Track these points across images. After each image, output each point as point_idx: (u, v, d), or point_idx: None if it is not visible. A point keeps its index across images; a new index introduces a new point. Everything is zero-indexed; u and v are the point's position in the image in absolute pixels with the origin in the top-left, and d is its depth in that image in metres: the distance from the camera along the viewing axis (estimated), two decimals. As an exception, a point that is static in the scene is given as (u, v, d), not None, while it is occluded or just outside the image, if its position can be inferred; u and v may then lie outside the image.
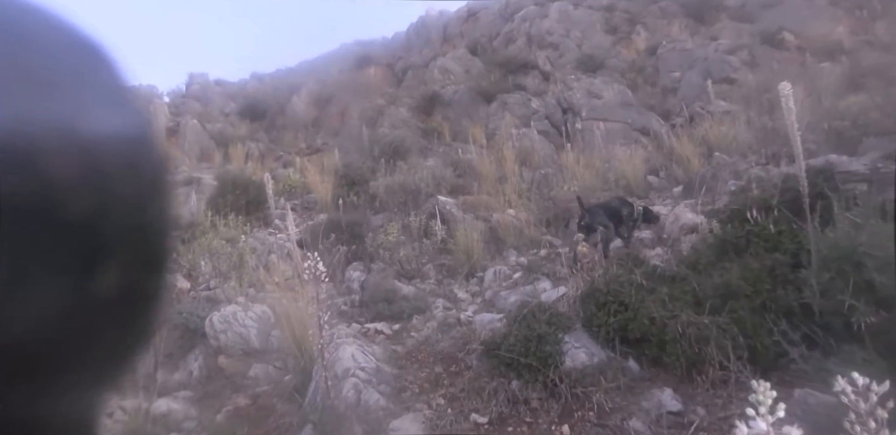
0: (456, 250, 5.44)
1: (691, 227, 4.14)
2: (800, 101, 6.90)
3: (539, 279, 4.29)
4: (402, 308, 4.74)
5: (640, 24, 14.18)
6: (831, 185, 3.08)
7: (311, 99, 16.20)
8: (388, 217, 7.26)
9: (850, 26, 10.95)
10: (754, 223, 3.04)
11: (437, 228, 5.48)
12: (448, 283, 5.27)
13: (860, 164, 3.04)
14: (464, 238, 5.40)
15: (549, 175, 8.11)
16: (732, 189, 5.01)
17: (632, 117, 9.64)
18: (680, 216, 4.30)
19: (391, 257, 5.27)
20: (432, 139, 11.66)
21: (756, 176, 4.51)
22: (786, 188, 3.27)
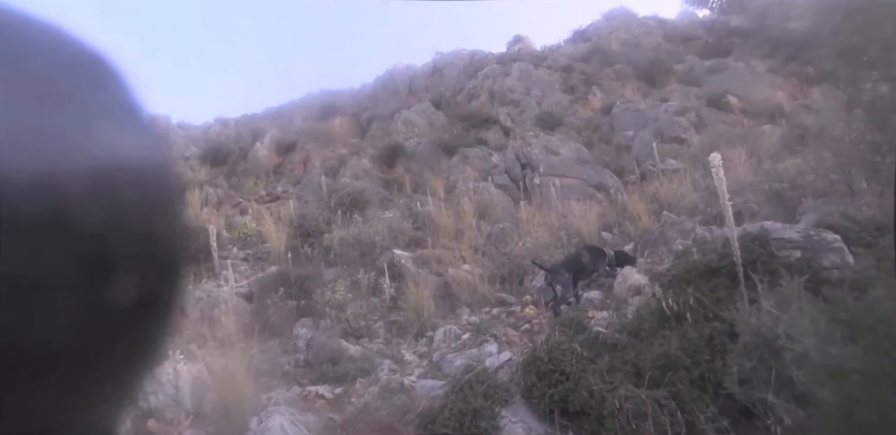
0: (407, 308, 5.30)
1: (638, 288, 4.16)
2: (743, 162, 7.26)
3: (487, 342, 4.19)
4: (346, 370, 4.54)
5: (596, 85, 14.91)
6: (767, 251, 3.15)
7: (275, 146, 16.19)
8: (341, 271, 7.10)
9: (788, 91, 11.74)
10: (694, 289, 3.06)
11: (386, 286, 5.35)
12: (397, 342, 5.10)
13: (794, 231, 3.13)
14: (415, 295, 5.28)
15: (507, 229, 8.16)
16: (679, 248, 5.11)
17: (588, 174, 9.92)
18: (628, 277, 4.32)
19: (338, 315, 5.09)
20: (393, 190, 11.69)
21: (700, 237, 4.61)
22: (725, 253, 3.32)
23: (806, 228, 3.17)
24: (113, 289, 0.26)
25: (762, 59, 14.22)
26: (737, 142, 7.88)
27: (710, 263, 3.21)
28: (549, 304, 5.01)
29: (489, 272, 6.51)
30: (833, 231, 3.03)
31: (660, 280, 3.50)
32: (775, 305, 2.25)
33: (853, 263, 2.83)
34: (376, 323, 5.58)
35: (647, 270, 4.71)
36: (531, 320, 4.68)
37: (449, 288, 6.35)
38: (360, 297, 5.56)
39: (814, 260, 2.88)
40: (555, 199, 9.15)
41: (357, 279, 5.83)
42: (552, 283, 4.96)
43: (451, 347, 4.41)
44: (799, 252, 2.95)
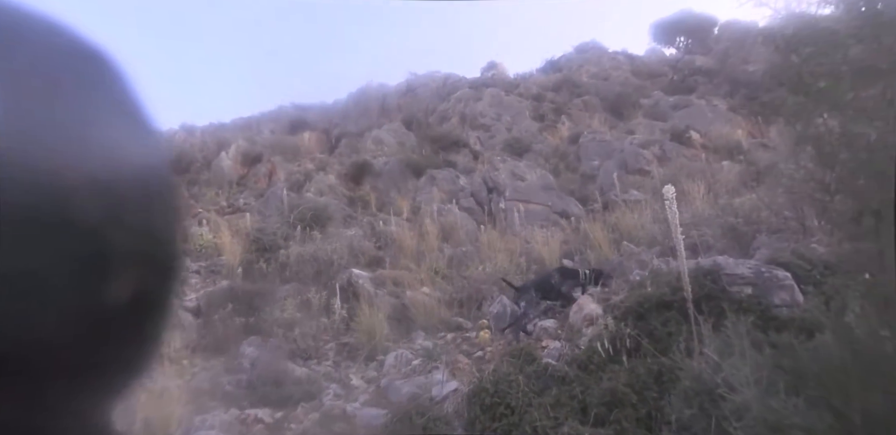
0: (359, 330, 5.14)
1: (592, 318, 4.13)
2: (701, 196, 7.44)
3: (437, 369, 4.06)
4: (290, 393, 4.34)
5: (565, 115, 15.22)
6: (718, 286, 3.16)
7: (240, 157, 15.86)
8: (295, 289, 6.89)
9: (747, 130, 12.19)
10: (646, 322, 3.03)
11: (337, 306, 5.18)
12: (346, 365, 4.92)
13: (746, 267, 3.16)
14: (368, 317, 5.13)
15: (469, 253, 8.10)
16: (636, 279, 5.12)
17: (552, 201, 10.01)
18: (584, 306, 4.29)
19: (286, 335, 4.89)
20: (358, 208, 11.54)
21: (655, 269, 4.63)
22: (678, 287, 3.32)
23: (757, 264, 3.21)
24: (110, 287, 0.26)
25: (723, 98, 14.81)
26: (697, 176, 8.08)
27: (663, 297, 3.21)
28: (509, 326, 4.95)
29: (448, 296, 6.42)
30: (784, 268, 3.07)
31: (613, 311, 3.48)
32: (718, 348, 2.23)
33: (803, 301, 2.86)
34: (327, 344, 5.39)
35: (604, 299, 4.69)
36: (485, 347, 4.58)
37: (406, 310, 6.23)
38: (311, 316, 5.37)
39: (764, 297, 2.90)
40: (519, 225, 9.17)
41: (307, 298, 5.64)
42: (518, 300, 4.98)
43: (402, 372, 4.27)
44: (750, 288, 2.97)
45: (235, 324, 5.82)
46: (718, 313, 2.76)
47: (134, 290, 0.28)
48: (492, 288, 6.08)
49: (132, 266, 0.28)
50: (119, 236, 0.27)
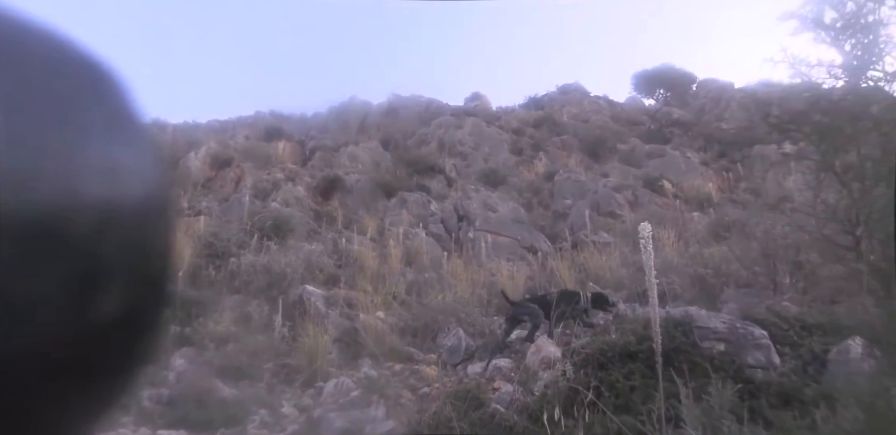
0: (301, 351, 4.76)
1: (550, 361, 3.87)
2: (671, 244, 7.38)
3: (378, 403, 3.72)
4: (212, 415, 3.91)
5: (543, 151, 15.31)
6: (689, 339, 2.96)
7: (210, 159, 15.33)
8: (241, 300, 6.46)
9: (717, 184, 12.41)
10: (608, 373, 2.80)
11: (277, 323, 4.78)
12: (281, 390, 4.51)
13: (719, 321, 2.98)
14: (312, 339, 4.76)
15: (431, 280, 7.81)
16: (600, 323, 4.92)
17: (522, 235, 9.86)
18: (542, 348, 4.03)
19: (219, 349, 4.48)
20: (323, 223, 11.16)
21: (621, 315, 4.44)
22: (645, 336, 3.11)
23: (731, 319, 3.04)
24: (100, 305, 0.26)
25: (697, 151, 15.17)
26: (668, 224, 8.05)
27: (628, 346, 2.99)
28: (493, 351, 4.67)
29: (403, 323, 6.10)
30: (760, 326, 2.90)
31: (573, 357, 3.24)
32: (697, 419, 2.00)
33: (779, 363, 2.68)
34: (266, 364, 4.97)
35: (564, 342, 4.46)
36: (432, 383, 4.25)
37: (356, 335, 5.87)
38: (250, 331, 4.96)
39: (738, 356, 2.71)
40: (485, 256, 8.96)
41: (249, 311, 5.23)
42: (518, 315, 4.78)
43: (339, 403, 3.90)
44: (723, 345, 2.78)
45: (169, 332, 5.35)
46: (689, 369, 2.55)
47: (124, 307, 0.27)
48: (449, 319, 5.78)
49: (123, 283, 0.27)
50: (112, 253, 0.26)
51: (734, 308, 4.31)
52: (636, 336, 3.26)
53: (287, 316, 6.00)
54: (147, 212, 0.29)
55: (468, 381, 4.17)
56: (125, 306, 0.27)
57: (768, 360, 2.69)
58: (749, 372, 2.62)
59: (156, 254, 0.29)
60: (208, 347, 4.61)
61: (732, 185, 12.33)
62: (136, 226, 0.28)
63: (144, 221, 0.28)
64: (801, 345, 2.76)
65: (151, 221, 0.29)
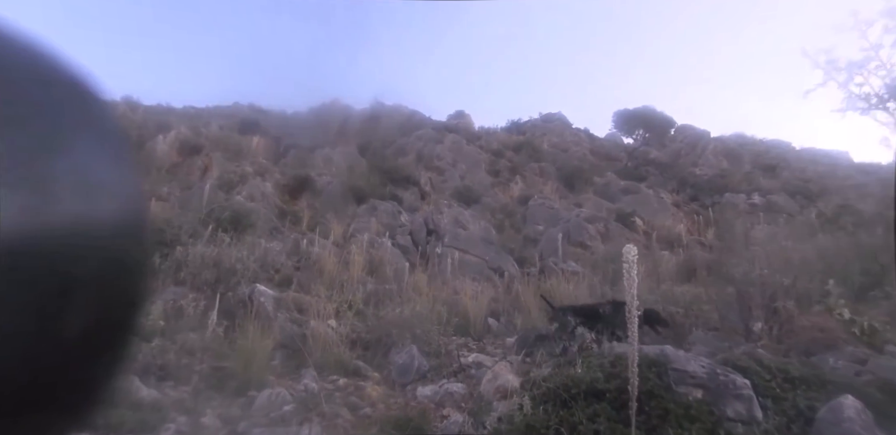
0: (237, 356, 4.32)
1: (507, 391, 3.55)
2: (642, 280, 7.22)
3: (311, 421, 3.33)
4: (124, 418, 3.43)
5: (520, 176, 15.23)
6: (664, 382, 2.70)
7: (178, 144, 14.70)
8: (182, 293, 5.97)
9: (688, 226, 12.46)
10: (570, 413, 2.51)
11: (212, 321, 4.32)
12: (209, 396, 4.04)
13: (698, 364, 2.73)
14: (252, 342, 4.33)
15: (391, 292, 7.44)
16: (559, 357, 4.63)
17: (490, 255, 9.60)
18: (498, 375, 3.71)
19: (141, 345, 4.01)
20: (288, 223, 10.69)
21: (586, 347, 4.17)
22: (614, 374, 2.83)
23: (711, 363, 2.79)
24: (71, 319, 0.25)
25: (670, 193, 15.32)
26: (638, 260, 7.90)
27: (595, 383, 2.70)
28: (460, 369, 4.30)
29: (356, 334, 5.70)
30: (742, 373, 2.64)
31: (532, 390, 2.93)
32: None
33: (761, 417, 2.43)
34: (198, 366, 4.50)
35: (524, 372, 4.15)
36: (375, 404, 3.87)
37: (304, 342, 5.45)
38: (184, 328, 4.49)
39: (716, 406, 2.45)
40: (450, 273, 8.65)
41: (180, 305, 4.76)
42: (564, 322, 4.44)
43: (269, 417, 3.48)
44: (700, 392, 2.52)
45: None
46: (660, 417, 2.27)
47: (94, 322, 0.26)
48: (404, 334, 5.42)
49: (95, 298, 0.26)
50: (84, 267, 0.26)
51: (704, 351, 4.10)
52: (604, 373, 2.99)
53: (230, 315, 5.55)
54: (119, 226, 0.27)
55: (415, 404, 3.81)
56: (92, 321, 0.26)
57: (750, 413, 2.43)
58: (728, 426, 2.36)
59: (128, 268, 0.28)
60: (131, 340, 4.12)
61: (702, 228, 12.40)
62: (110, 245, 0.26)
63: (116, 236, 0.27)
64: (784, 399, 2.53)
65: (123, 236, 0.27)
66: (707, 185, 15.95)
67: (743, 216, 13.21)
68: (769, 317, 3.81)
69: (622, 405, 2.69)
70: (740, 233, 10.21)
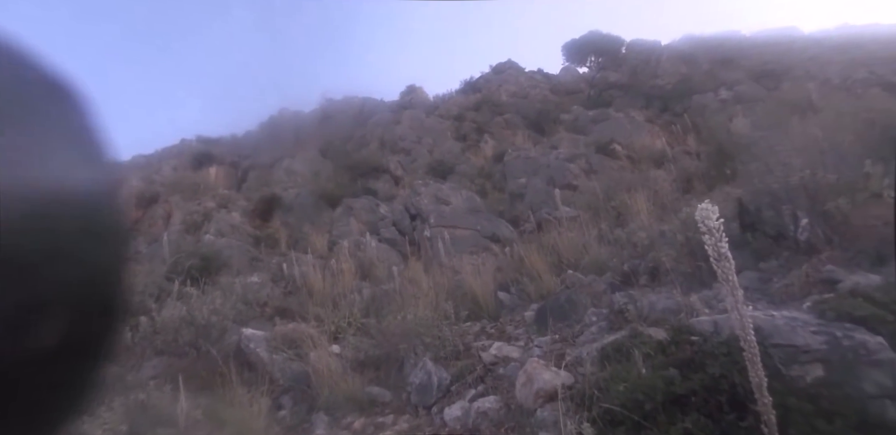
0: (227, 426, 3.53)
1: (550, 393, 2.78)
2: (645, 209, 6.41)
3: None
4: None
5: (488, 134, 14.27)
6: (769, 367, 1.86)
7: (134, 199, 13.68)
8: (167, 363, 5.20)
9: (667, 139, 11.59)
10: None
11: (181, 408, 3.49)
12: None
13: (808, 330, 1.89)
14: (240, 415, 3.54)
15: (390, 292, 6.64)
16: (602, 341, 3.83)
17: (481, 224, 8.77)
18: (534, 375, 2.93)
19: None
20: (266, 248, 9.83)
21: (622, 307, 3.37)
22: (686, 361, 2.00)
23: (823, 323, 1.94)
24: (44, 329, 0.24)
25: (639, 110, 14.39)
26: (632, 187, 7.07)
27: (671, 387, 1.90)
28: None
29: (363, 354, 4.91)
30: (865, 326, 1.82)
31: (585, 412, 2.13)
32: None
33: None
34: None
35: (558, 356, 3.37)
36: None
37: (308, 380, 4.68)
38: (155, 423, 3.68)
39: (849, 384, 1.62)
40: (445, 254, 7.84)
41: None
42: None
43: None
44: (820, 367, 1.70)
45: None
46: (780, 418, 1.47)
47: (69, 331, 0.25)
48: (414, 342, 4.63)
49: (69, 306, 0.25)
50: (58, 273, 0.24)
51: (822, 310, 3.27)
52: (678, 369, 2.12)
53: (220, 372, 4.75)
54: (95, 232, 0.26)
55: (444, 434, 3.05)
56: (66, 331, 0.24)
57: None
58: (875, 408, 1.56)
59: (103, 274, 0.26)
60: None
61: (681, 137, 11.52)
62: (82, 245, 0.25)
63: (92, 241, 0.26)
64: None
65: (99, 241, 0.26)
66: (673, 94, 15.02)
67: (718, 114, 12.33)
68: (817, 221, 3.00)
69: (716, 409, 1.86)
70: (723, 131, 9.35)
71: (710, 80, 15.68)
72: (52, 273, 0.24)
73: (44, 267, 0.24)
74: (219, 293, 6.02)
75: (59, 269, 0.24)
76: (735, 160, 7.66)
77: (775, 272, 3.18)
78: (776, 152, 4.52)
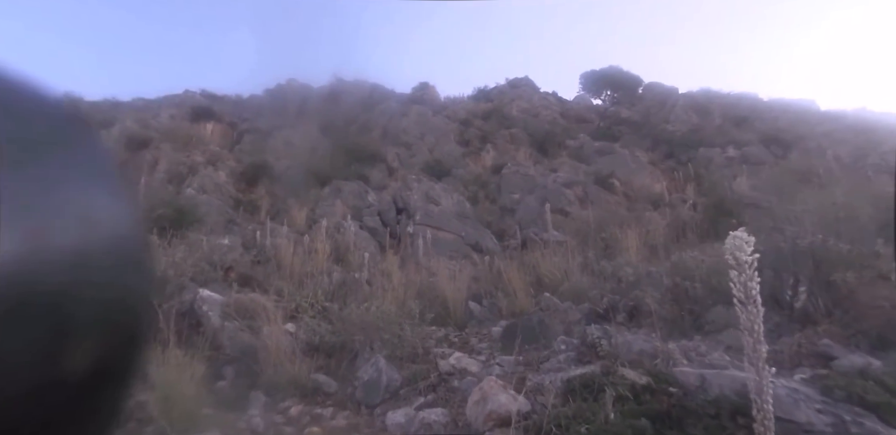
0: (156, 392, 3.26)
1: (503, 418, 2.58)
2: (635, 247, 6.30)
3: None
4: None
5: (491, 144, 14.12)
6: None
7: (125, 140, 13.19)
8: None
9: (667, 184, 11.59)
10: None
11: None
12: (122, 449, 2.99)
13: (810, 407, 1.69)
14: (176, 374, 3.28)
15: (361, 281, 6.41)
16: (564, 349, 3.69)
17: (466, 231, 8.59)
18: (489, 395, 2.73)
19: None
20: (245, 213, 9.50)
21: (595, 343, 3.21)
22: (662, 413, 1.83)
23: (829, 401, 1.74)
24: (69, 360, 0.24)
25: (645, 151, 14.40)
26: (625, 223, 6.96)
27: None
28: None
29: (318, 338, 4.66)
30: (873, 412, 1.66)
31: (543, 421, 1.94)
32: None
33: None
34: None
35: (519, 379, 3.19)
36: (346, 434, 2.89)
37: (255, 355, 4.42)
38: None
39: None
40: (423, 254, 7.63)
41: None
42: None
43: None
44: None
45: None
46: None
47: (94, 362, 0.25)
48: (374, 336, 4.41)
49: (95, 339, 0.25)
50: (82, 306, 0.24)
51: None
52: (650, 414, 1.94)
53: (176, 332, 4.46)
54: (120, 265, 0.26)
55: (384, 441, 2.83)
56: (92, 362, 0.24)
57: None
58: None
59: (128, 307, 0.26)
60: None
61: (681, 185, 11.53)
62: (107, 279, 0.25)
63: (117, 275, 0.26)
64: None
65: (124, 275, 0.26)
66: (681, 141, 15.07)
67: (722, 169, 12.39)
68: (819, 291, 2.88)
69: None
70: (725, 187, 9.35)
71: (720, 135, 15.78)
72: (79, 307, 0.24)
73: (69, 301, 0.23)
74: (183, 248, 5.72)
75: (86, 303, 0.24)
76: (731, 217, 7.63)
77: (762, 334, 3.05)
78: (787, 212, 4.43)
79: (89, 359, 0.25)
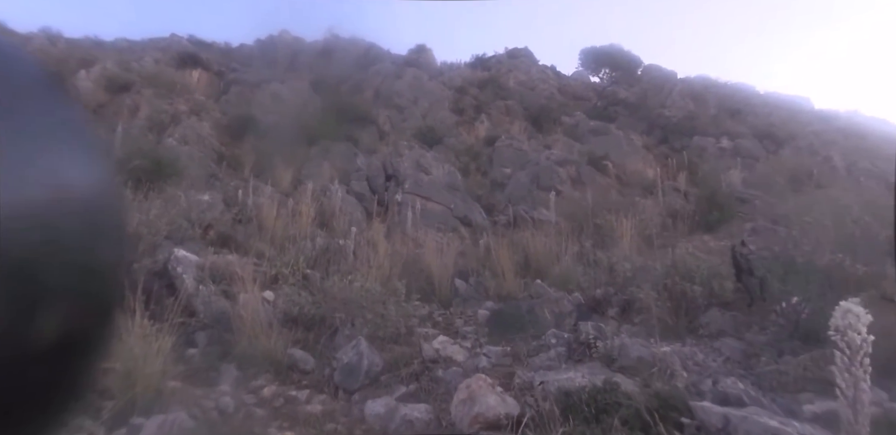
0: (122, 361, 2.99)
1: (491, 422, 2.39)
2: (629, 237, 6.10)
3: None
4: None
5: (486, 114, 13.66)
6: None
7: (104, 81, 12.35)
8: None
9: (659, 171, 11.36)
10: None
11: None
12: (81, 425, 2.74)
13: None
14: (140, 341, 3.01)
15: (346, 248, 6.11)
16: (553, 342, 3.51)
17: (456, 203, 8.31)
18: (477, 396, 2.52)
19: None
20: (228, 169, 9.03)
21: (588, 343, 3.02)
22: None
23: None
24: (37, 327, 0.23)
25: (640, 135, 14.10)
26: (618, 210, 6.72)
27: None
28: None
29: (297, 309, 4.42)
30: None
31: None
32: None
33: None
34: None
35: (507, 374, 2.99)
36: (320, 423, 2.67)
37: (229, 323, 4.17)
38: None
39: None
40: (410, 224, 7.36)
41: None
42: None
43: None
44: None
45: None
46: None
47: (64, 330, 0.24)
48: (356, 312, 4.18)
49: (65, 305, 0.24)
50: (52, 271, 0.24)
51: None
52: None
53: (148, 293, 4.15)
54: (93, 229, 0.25)
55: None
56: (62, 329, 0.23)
57: None
58: None
59: (101, 272, 0.25)
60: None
61: (673, 172, 11.32)
62: (79, 243, 0.24)
63: (89, 239, 0.24)
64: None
65: (96, 239, 0.25)
66: (676, 128, 14.78)
67: (715, 160, 12.20)
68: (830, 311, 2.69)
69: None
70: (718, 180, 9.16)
71: (714, 125, 15.50)
72: (52, 268, 0.23)
73: (42, 262, 0.22)
74: (160, 203, 5.33)
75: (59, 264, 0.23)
76: (723, 211, 7.48)
77: (762, 349, 2.88)
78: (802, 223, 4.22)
79: (56, 329, 0.23)
